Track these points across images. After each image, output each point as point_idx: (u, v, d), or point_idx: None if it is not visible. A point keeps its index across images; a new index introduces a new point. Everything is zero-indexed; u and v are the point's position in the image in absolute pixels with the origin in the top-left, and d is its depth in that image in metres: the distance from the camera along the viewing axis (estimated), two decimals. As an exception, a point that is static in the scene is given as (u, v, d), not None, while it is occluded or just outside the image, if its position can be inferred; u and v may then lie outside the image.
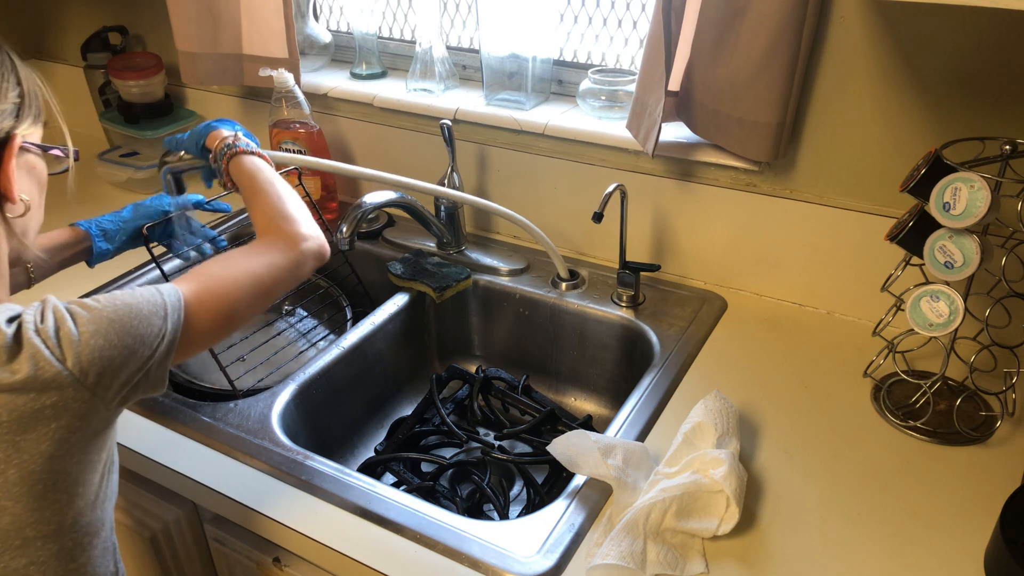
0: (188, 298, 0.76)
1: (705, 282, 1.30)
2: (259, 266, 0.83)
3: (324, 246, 0.90)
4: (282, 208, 0.90)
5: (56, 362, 0.66)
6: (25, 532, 0.69)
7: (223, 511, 0.95)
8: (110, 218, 1.09)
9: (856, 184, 1.13)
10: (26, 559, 0.70)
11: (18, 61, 0.78)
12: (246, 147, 0.99)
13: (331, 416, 1.18)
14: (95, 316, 0.69)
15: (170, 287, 0.76)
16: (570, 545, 0.84)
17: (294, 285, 0.89)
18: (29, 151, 0.79)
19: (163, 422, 1.03)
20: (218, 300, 0.78)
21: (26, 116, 0.78)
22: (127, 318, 0.70)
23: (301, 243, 0.87)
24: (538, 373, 1.34)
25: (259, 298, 0.83)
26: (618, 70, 1.35)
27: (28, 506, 0.68)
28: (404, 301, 1.30)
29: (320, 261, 0.90)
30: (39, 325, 0.67)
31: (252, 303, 0.82)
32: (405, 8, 1.52)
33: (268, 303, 0.85)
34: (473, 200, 1.25)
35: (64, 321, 0.68)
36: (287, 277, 0.86)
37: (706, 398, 0.95)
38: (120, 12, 1.73)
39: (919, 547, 0.84)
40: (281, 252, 0.86)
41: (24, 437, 0.66)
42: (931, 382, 1.00)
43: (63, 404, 0.67)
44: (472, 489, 1.08)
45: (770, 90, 1.06)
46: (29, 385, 0.65)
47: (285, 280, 0.86)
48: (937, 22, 0.99)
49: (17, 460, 0.66)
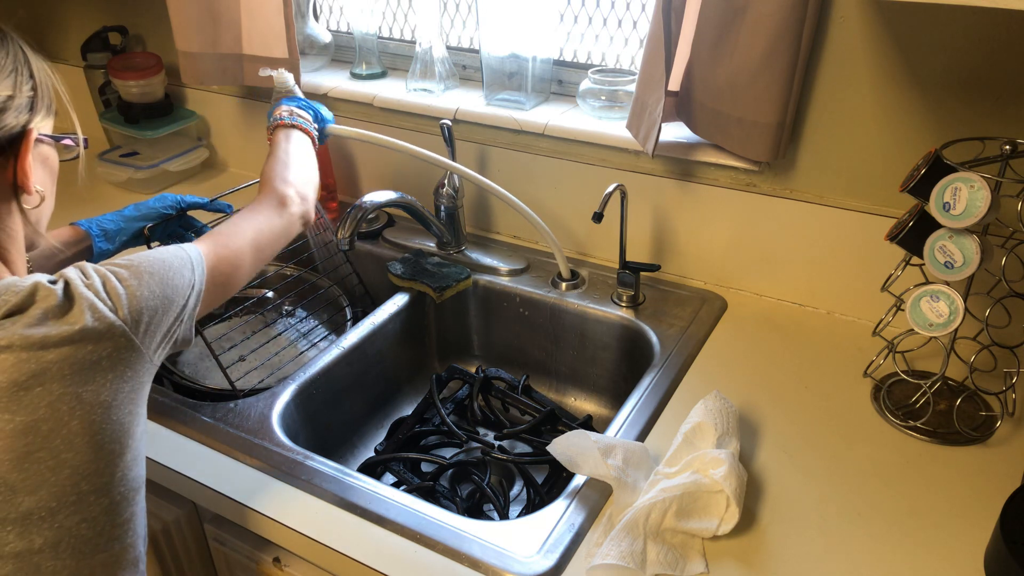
0: (208, 255, 0.84)
1: (705, 282, 1.30)
2: (258, 225, 0.93)
3: (308, 211, 1.01)
4: (281, 170, 1.01)
5: (110, 312, 0.70)
6: (80, 486, 0.70)
7: (223, 511, 0.95)
8: (111, 218, 1.09)
9: (856, 184, 1.13)
10: (79, 516, 0.71)
11: (31, 53, 0.79)
12: (289, 120, 1.10)
13: (331, 416, 1.18)
14: (135, 271, 0.74)
15: (190, 245, 0.83)
16: (570, 545, 0.84)
17: (286, 243, 0.98)
18: (43, 142, 0.80)
19: (163, 422, 1.03)
20: (230, 256, 0.87)
21: (40, 108, 0.78)
22: (163, 271, 0.76)
23: (289, 205, 0.98)
24: (538, 373, 1.34)
25: (259, 253, 0.92)
26: (618, 70, 1.35)
27: (87, 457, 0.70)
28: (404, 301, 1.30)
29: (304, 222, 1.01)
30: (86, 281, 0.71)
31: (256, 261, 0.92)
32: (405, 8, 1.52)
33: (267, 259, 0.95)
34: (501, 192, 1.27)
35: (108, 278, 0.72)
36: (280, 236, 0.97)
37: (706, 398, 0.95)
38: (120, 12, 1.73)
39: (919, 547, 0.84)
40: (275, 211, 0.96)
41: (85, 388, 0.68)
42: (931, 382, 1.00)
43: (117, 354, 0.70)
44: (472, 489, 1.08)
45: (770, 90, 1.06)
46: (88, 335, 0.68)
47: (279, 239, 0.96)
48: (937, 22, 0.99)
49: (80, 411, 0.68)
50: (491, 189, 1.26)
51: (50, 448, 0.68)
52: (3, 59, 0.75)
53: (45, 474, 0.68)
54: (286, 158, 1.04)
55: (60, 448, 0.68)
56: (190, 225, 1.17)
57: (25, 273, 0.80)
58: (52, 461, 0.68)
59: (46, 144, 0.81)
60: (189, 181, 1.69)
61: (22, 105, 0.76)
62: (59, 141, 0.83)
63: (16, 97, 0.75)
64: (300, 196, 1.00)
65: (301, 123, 1.11)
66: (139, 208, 1.12)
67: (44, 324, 0.67)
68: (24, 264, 0.81)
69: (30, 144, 0.76)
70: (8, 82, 0.75)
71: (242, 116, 1.67)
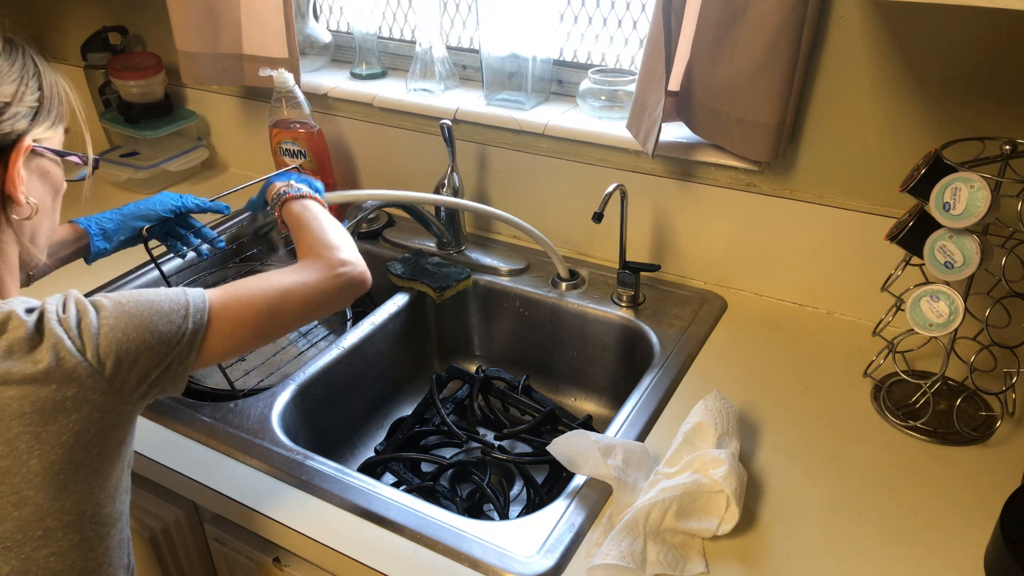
0: (214, 303, 0.77)
1: (705, 282, 1.30)
2: (291, 282, 0.83)
3: (364, 272, 0.89)
4: (323, 237, 0.91)
5: (76, 352, 0.67)
6: (47, 522, 0.69)
7: (223, 511, 0.95)
8: (110, 216, 1.09)
9: (856, 184, 1.13)
10: (48, 549, 0.70)
11: (44, 66, 0.79)
12: (296, 192, 1.01)
13: (331, 416, 1.18)
14: (116, 309, 0.71)
15: (199, 291, 0.77)
16: (570, 545, 0.84)
17: (330, 310, 0.87)
18: (43, 155, 0.79)
19: (163, 422, 1.03)
20: (243, 308, 0.79)
21: (43, 120, 0.78)
22: (147, 314, 0.72)
23: (338, 267, 0.87)
24: (538, 373, 1.34)
25: (286, 313, 0.82)
26: (618, 70, 1.35)
27: (49, 496, 0.69)
28: (404, 301, 1.30)
29: (359, 288, 0.89)
30: (61, 315, 0.69)
31: (279, 317, 0.82)
32: (405, 8, 1.52)
33: (298, 321, 0.84)
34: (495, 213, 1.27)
35: (86, 312, 0.70)
36: (319, 298, 0.85)
37: (706, 398, 0.95)
38: (120, 12, 1.73)
39: (919, 547, 0.84)
40: (316, 272, 0.86)
41: (46, 429, 0.67)
42: (931, 382, 1.00)
43: (83, 395, 0.68)
44: (472, 489, 1.08)
45: (770, 90, 1.06)
46: (51, 376, 0.66)
47: (316, 300, 0.85)
48: (937, 22, 0.99)
49: (39, 451, 0.67)
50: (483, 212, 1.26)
51: (11, 484, 0.67)
52: (8, 67, 0.76)
53: (8, 508, 0.68)
54: (317, 224, 0.94)
55: (21, 485, 0.67)
56: (189, 225, 1.16)
57: (16, 291, 0.80)
58: (14, 496, 0.67)
59: (47, 158, 0.80)
60: (189, 181, 1.69)
61: (20, 114, 0.75)
62: (62, 157, 0.82)
63: (14, 105, 0.75)
64: (349, 259, 0.88)
65: (306, 191, 1.03)
66: (139, 207, 1.11)
67: (8, 359, 0.66)
68: (14, 281, 0.79)
69: (20, 152, 0.76)
70: (8, 89, 0.75)
71: (242, 116, 1.67)
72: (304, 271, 0.86)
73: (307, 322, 0.86)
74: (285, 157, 1.42)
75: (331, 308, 0.88)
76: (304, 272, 0.85)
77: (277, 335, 0.83)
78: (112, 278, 1.33)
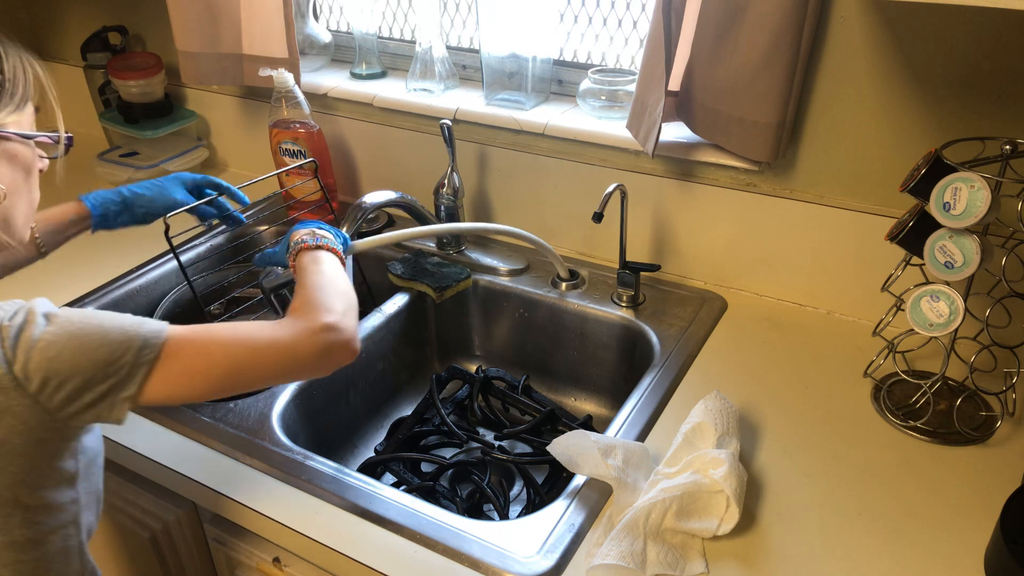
0: (170, 344, 0.74)
1: (705, 282, 1.30)
2: (262, 339, 0.77)
3: (351, 341, 0.80)
4: (317, 294, 0.83)
5: (3, 362, 0.68)
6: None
7: (223, 511, 0.95)
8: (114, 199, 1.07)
9: (856, 184, 1.13)
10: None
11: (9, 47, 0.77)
12: (315, 242, 0.95)
13: (331, 416, 1.18)
14: (61, 327, 0.70)
15: (160, 327, 0.74)
16: (570, 545, 0.84)
17: (303, 376, 0.82)
18: (9, 139, 0.78)
19: (163, 422, 1.03)
20: (199, 357, 0.74)
21: (5, 104, 0.77)
22: (91, 339, 0.70)
23: (320, 331, 0.78)
24: (538, 373, 1.34)
25: (248, 372, 0.76)
26: (618, 70, 1.35)
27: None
28: (404, 301, 1.30)
29: (340, 357, 0.80)
30: (5, 323, 0.69)
31: (239, 376, 0.76)
32: (405, 8, 1.52)
33: (263, 382, 0.79)
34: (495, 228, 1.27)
35: (30, 325, 0.69)
36: (289, 363, 0.78)
37: (706, 398, 0.95)
38: (120, 12, 1.73)
39: (919, 547, 0.84)
40: (293, 332, 0.78)
41: None
42: (931, 382, 1.00)
43: (7, 405, 0.68)
44: (472, 489, 1.08)
45: (770, 90, 1.06)
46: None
47: (286, 365, 0.78)
48: (937, 22, 0.99)
49: None
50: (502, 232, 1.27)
51: None
52: None
53: None
54: (318, 280, 0.87)
55: None
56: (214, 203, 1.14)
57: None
58: None
59: (13, 141, 0.79)
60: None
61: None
62: (30, 139, 0.80)
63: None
64: (335, 325, 0.80)
65: (326, 243, 0.96)
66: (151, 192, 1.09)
67: None
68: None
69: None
70: None
71: (242, 116, 1.67)
72: (281, 328, 0.78)
73: (276, 384, 0.79)
74: (285, 157, 1.42)
75: (305, 375, 0.82)
76: (281, 330, 0.78)
77: (238, 391, 0.78)
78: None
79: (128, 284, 1.32)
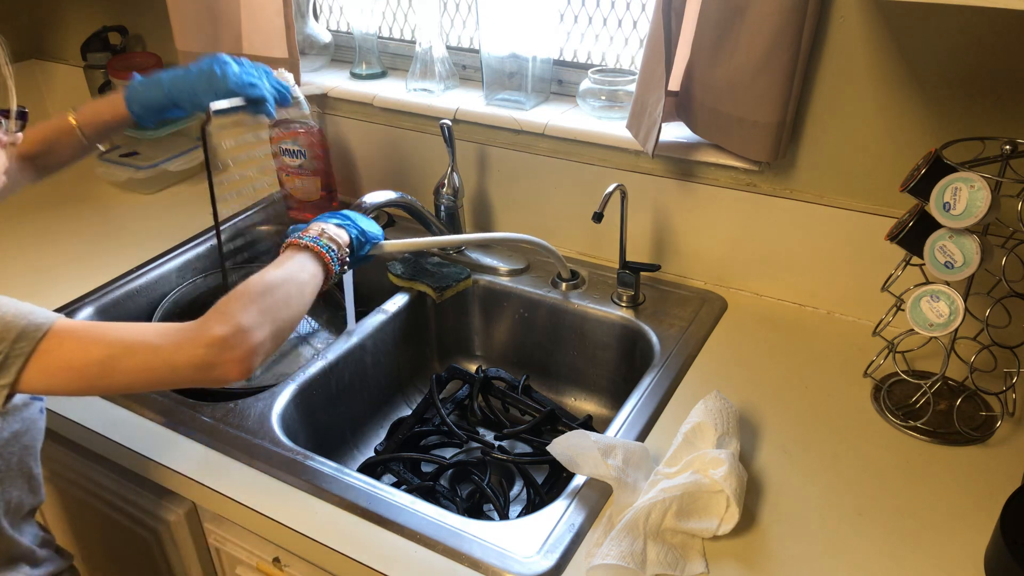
0: (52, 336, 0.73)
1: (705, 282, 1.30)
2: (141, 341, 0.75)
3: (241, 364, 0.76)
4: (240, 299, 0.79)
5: None
6: None
7: (223, 511, 0.95)
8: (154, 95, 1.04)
9: (856, 184, 1.13)
10: None
11: None
12: (310, 241, 0.90)
13: (331, 416, 1.18)
14: None
15: (46, 317, 0.74)
16: (570, 545, 0.84)
17: (181, 384, 0.78)
18: None
19: (163, 422, 1.03)
20: (77, 351, 0.74)
21: None
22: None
23: (204, 345, 0.75)
24: (538, 373, 1.34)
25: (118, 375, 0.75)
26: (618, 70, 1.35)
27: None
28: (404, 301, 1.30)
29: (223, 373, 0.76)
30: None
31: (109, 377, 0.75)
32: (405, 8, 1.52)
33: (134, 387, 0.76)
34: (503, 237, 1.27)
35: None
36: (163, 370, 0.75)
37: (706, 398, 0.95)
38: (120, 12, 1.73)
39: (919, 547, 0.84)
40: (175, 342, 0.75)
41: None
42: (931, 382, 1.00)
43: None
44: (472, 489, 1.08)
45: (770, 90, 1.06)
46: None
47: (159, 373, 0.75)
48: (937, 22, 0.99)
49: None
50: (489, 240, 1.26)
51: None
52: None
53: None
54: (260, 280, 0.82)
55: None
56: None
57: None
58: None
59: None
60: (189, 181, 1.69)
61: None
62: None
63: None
64: (228, 337, 0.75)
65: (322, 246, 0.90)
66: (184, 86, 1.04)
67: None
68: None
69: None
70: None
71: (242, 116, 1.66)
72: (170, 335, 0.76)
73: (160, 388, 0.78)
74: (285, 157, 1.42)
75: (183, 384, 0.78)
76: (168, 337, 0.76)
77: (119, 392, 0.78)
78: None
79: (128, 284, 1.32)
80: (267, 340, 0.79)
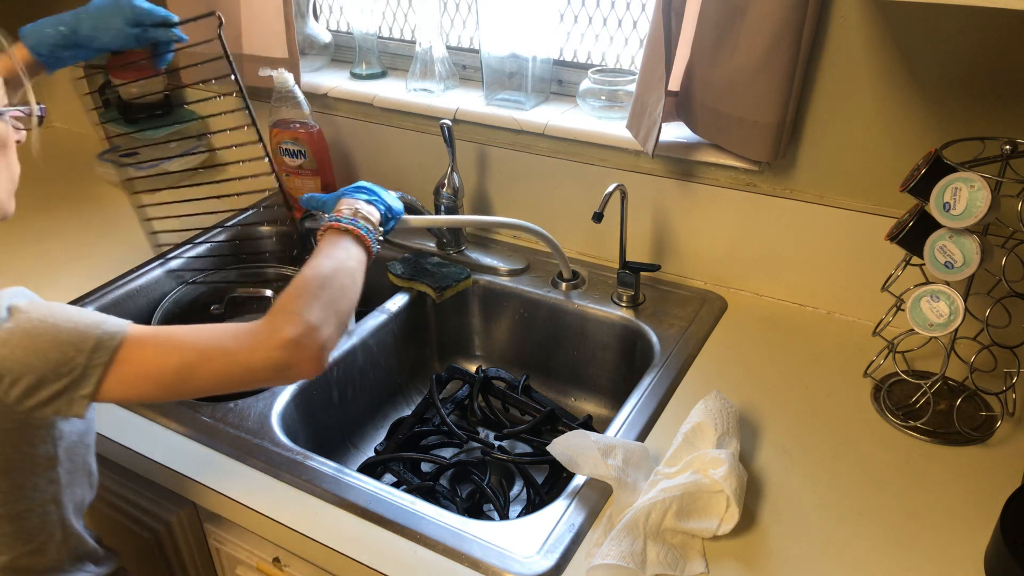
0: (128, 345, 0.73)
1: (705, 282, 1.30)
2: (215, 347, 0.75)
3: (315, 361, 0.77)
4: (303, 296, 0.79)
5: None
6: None
7: (223, 511, 0.95)
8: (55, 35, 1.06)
9: (856, 184, 1.13)
10: None
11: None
12: (347, 223, 0.90)
13: (331, 416, 1.18)
14: (18, 323, 0.71)
15: (119, 326, 0.74)
16: (570, 545, 0.84)
17: (259, 386, 0.78)
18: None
19: (163, 422, 1.03)
20: (153, 360, 0.74)
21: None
22: (45, 338, 0.71)
23: (279, 346, 0.75)
24: (538, 373, 1.34)
25: (196, 380, 0.75)
26: (618, 70, 1.35)
27: None
28: (404, 301, 1.30)
29: (297, 375, 0.77)
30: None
31: (188, 383, 0.75)
32: (405, 8, 1.52)
33: (213, 390, 0.76)
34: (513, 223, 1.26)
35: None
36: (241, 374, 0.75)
37: (706, 398, 0.95)
38: (120, 12, 1.72)
39: (919, 547, 0.84)
40: (251, 341, 0.75)
41: None
42: (931, 382, 1.00)
43: None
44: (472, 489, 1.08)
45: (770, 90, 1.06)
46: None
47: (238, 376, 0.75)
48: (937, 22, 0.99)
49: None
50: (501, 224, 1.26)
51: None
52: None
53: None
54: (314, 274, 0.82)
55: None
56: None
57: None
58: None
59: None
60: (189, 181, 1.69)
61: None
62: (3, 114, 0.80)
63: None
64: (300, 337, 0.76)
65: (361, 228, 0.91)
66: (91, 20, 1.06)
67: None
68: None
69: None
70: None
71: (242, 116, 1.66)
72: (243, 338, 0.76)
73: (230, 391, 0.77)
74: (285, 157, 1.42)
75: (260, 386, 0.78)
76: (241, 340, 0.76)
77: (195, 396, 0.77)
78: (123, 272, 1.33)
79: (128, 284, 1.32)
80: (334, 334, 0.80)
